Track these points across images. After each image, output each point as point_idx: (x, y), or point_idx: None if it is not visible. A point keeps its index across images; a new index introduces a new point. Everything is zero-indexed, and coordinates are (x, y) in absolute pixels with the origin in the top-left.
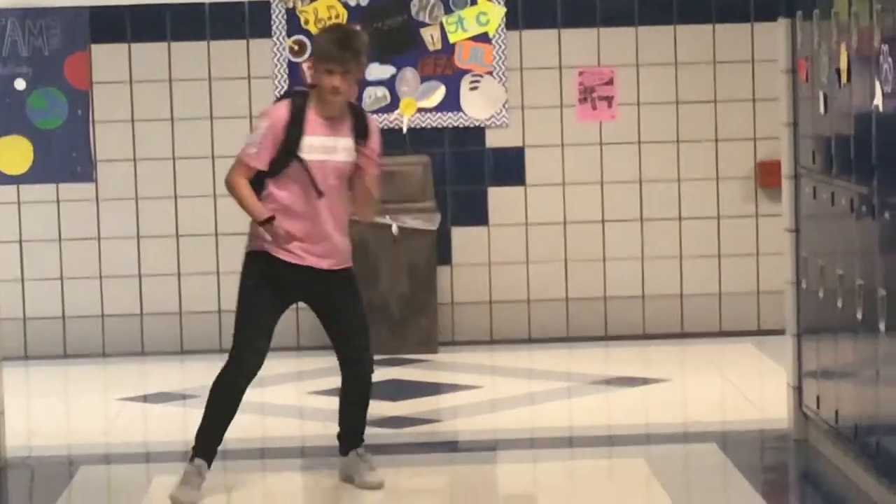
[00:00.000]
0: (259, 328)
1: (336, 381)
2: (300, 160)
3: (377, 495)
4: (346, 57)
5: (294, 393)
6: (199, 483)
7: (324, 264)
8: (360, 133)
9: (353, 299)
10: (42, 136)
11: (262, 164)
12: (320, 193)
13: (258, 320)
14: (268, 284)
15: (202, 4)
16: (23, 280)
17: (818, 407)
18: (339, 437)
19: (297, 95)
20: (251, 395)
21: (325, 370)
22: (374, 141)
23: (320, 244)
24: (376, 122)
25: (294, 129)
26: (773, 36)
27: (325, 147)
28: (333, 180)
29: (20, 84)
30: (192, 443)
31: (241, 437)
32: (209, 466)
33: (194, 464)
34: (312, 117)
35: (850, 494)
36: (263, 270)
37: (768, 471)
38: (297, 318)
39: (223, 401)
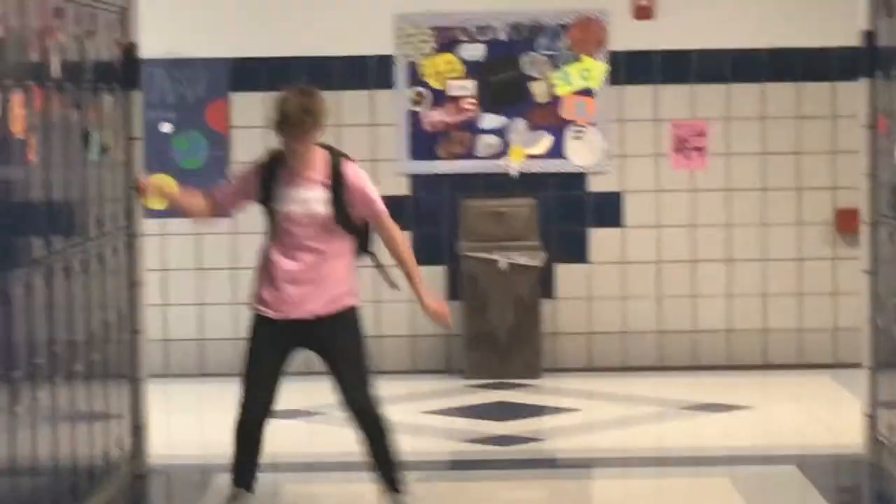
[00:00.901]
0: (258, 379)
1: (450, 402)
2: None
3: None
4: (288, 131)
5: (407, 412)
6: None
7: (300, 314)
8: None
9: (340, 346)
10: (185, 175)
11: None
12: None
13: (257, 373)
14: (264, 333)
15: (333, 58)
16: (165, 305)
17: (891, 433)
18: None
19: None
20: None
21: (438, 392)
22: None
23: (281, 292)
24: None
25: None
26: (854, 93)
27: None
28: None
29: (166, 127)
30: (315, 458)
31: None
32: (250, 490)
33: (237, 491)
34: None
35: None
36: (257, 327)
37: (843, 491)
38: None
39: (246, 440)
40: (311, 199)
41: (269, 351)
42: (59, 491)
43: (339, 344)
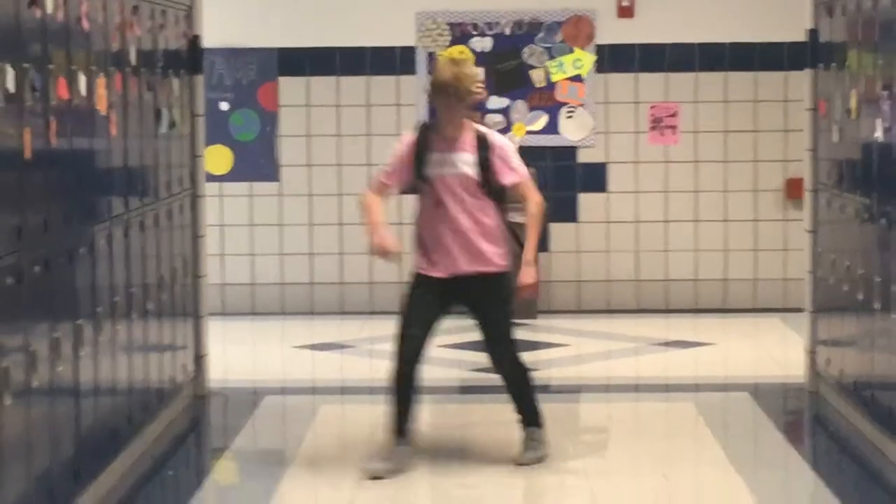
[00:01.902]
0: (415, 334)
1: (461, 338)
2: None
3: (488, 423)
4: (440, 94)
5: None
6: (398, 461)
7: (441, 273)
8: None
9: (485, 303)
10: (239, 146)
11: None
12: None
13: (412, 316)
14: (421, 290)
15: (364, 48)
16: (222, 255)
17: (828, 367)
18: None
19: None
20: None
21: (451, 329)
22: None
23: (436, 254)
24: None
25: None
26: (800, 81)
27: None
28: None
29: (224, 106)
30: (348, 382)
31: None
32: (406, 442)
33: (395, 448)
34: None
35: (850, 434)
36: (416, 286)
37: (788, 414)
38: None
39: (399, 386)
40: (461, 162)
41: (426, 308)
42: (134, 408)
43: (486, 301)
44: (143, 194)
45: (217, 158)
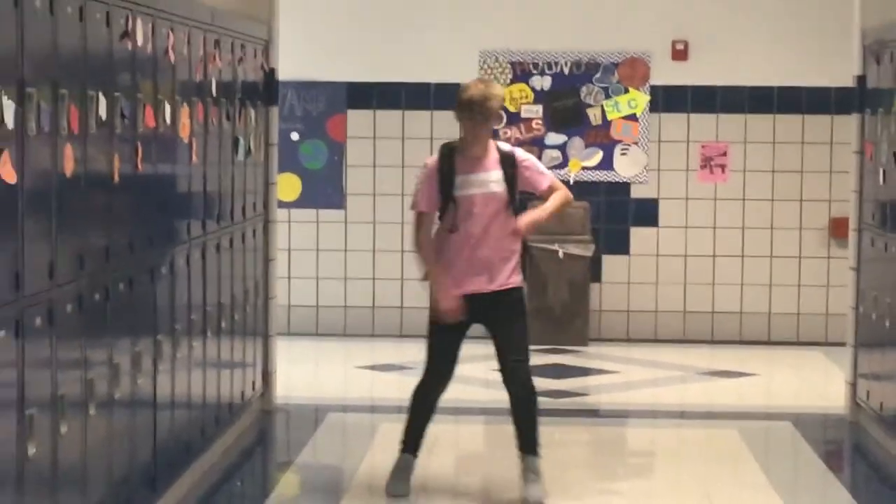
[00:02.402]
0: (443, 353)
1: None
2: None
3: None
4: (465, 113)
5: (483, 370)
6: (408, 476)
7: (477, 289)
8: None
9: (504, 319)
10: (308, 174)
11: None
12: (455, 227)
13: (442, 347)
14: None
15: (428, 84)
16: (289, 278)
17: (868, 399)
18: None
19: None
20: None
21: None
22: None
23: (461, 274)
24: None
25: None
26: (848, 125)
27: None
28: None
29: (294, 136)
30: (406, 406)
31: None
32: (415, 458)
33: (403, 458)
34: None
35: (889, 463)
36: None
37: (828, 443)
38: None
39: (420, 406)
40: (489, 180)
41: (452, 327)
42: (206, 421)
43: (505, 318)
44: (220, 218)
45: (287, 186)
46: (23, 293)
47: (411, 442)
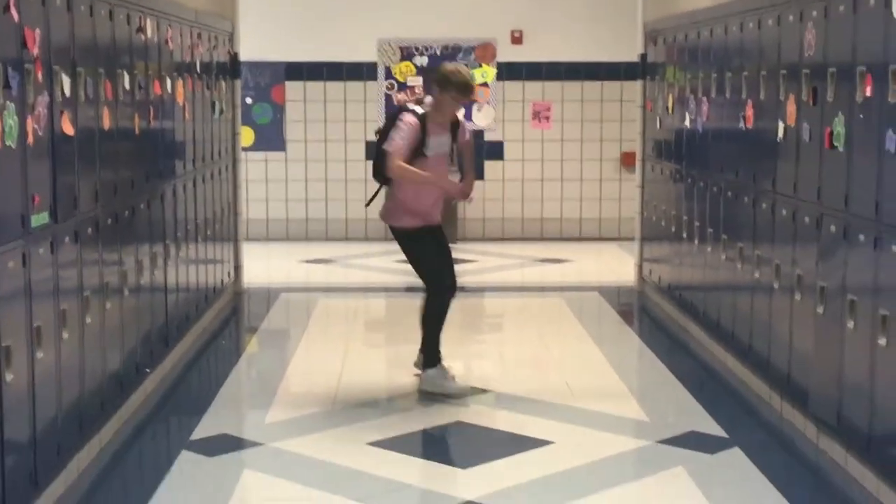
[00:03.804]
0: (444, 266)
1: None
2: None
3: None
4: (469, 97)
5: (383, 261)
6: (449, 382)
7: (433, 223)
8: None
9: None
10: (259, 127)
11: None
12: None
13: (441, 262)
14: (429, 238)
15: (342, 62)
16: (247, 200)
17: (650, 275)
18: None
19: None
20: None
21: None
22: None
23: (428, 210)
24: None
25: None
26: (634, 88)
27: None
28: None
29: (249, 100)
30: (332, 285)
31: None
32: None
33: (436, 372)
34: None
35: (665, 318)
36: (423, 235)
37: (623, 305)
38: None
39: (441, 320)
40: (444, 142)
41: (436, 247)
42: (199, 299)
43: (445, 239)
44: (203, 158)
45: (245, 135)
46: (79, 211)
47: (437, 353)
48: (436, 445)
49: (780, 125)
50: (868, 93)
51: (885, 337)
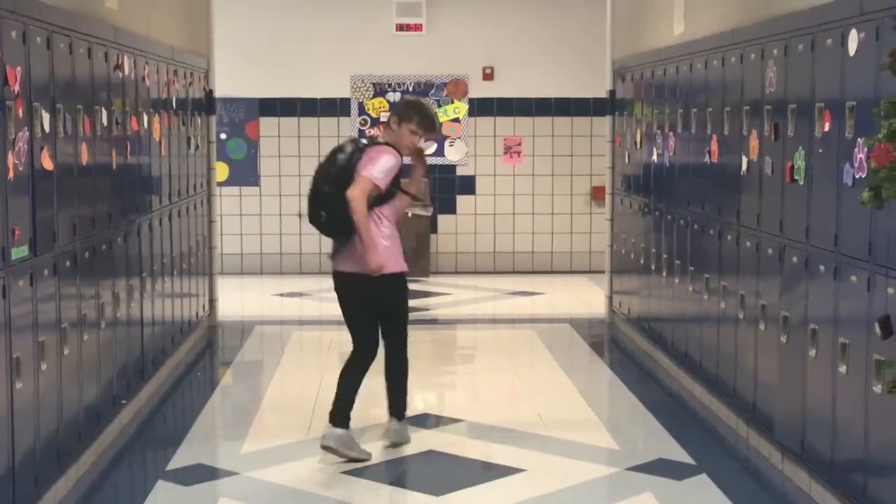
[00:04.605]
0: (368, 326)
1: None
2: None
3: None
4: (433, 132)
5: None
6: (353, 445)
7: (397, 269)
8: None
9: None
10: (233, 163)
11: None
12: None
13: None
14: (353, 296)
15: (315, 98)
16: (222, 234)
17: (620, 306)
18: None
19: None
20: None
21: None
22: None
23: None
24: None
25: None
26: (603, 124)
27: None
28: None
29: (223, 136)
30: (306, 318)
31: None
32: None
33: (343, 433)
34: None
35: (634, 349)
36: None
37: (594, 337)
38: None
39: (356, 381)
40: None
41: (367, 306)
42: (174, 332)
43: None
44: (179, 193)
45: (219, 171)
46: (57, 244)
47: (346, 415)
48: (410, 474)
49: (744, 159)
50: (826, 128)
51: (845, 365)
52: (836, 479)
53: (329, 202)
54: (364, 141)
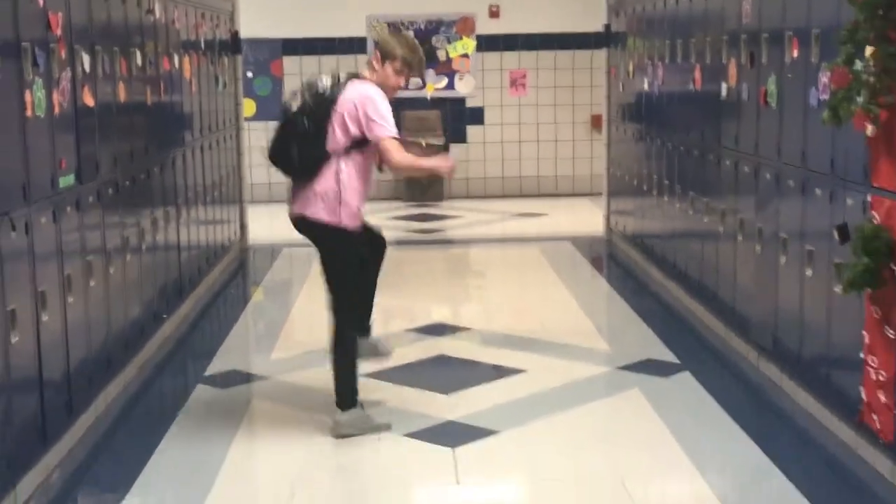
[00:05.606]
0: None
1: (399, 212)
2: None
3: (418, 256)
4: (421, 71)
5: (379, 217)
6: (369, 420)
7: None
8: None
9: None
10: (260, 99)
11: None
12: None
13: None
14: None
15: (334, 38)
16: (250, 166)
17: (616, 225)
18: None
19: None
20: None
21: (393, 207)
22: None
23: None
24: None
25: None
26: (601, 56)
27: None
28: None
29: (250, 74)
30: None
31: None
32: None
33: (355, 415)
34: None
35: (629, 262)
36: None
37: (594, 253)
38: (382, 184)
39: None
40: None
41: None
42: (209, 255)
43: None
44: (209, 128)
45: (246, 107)
46: (100, 175)
47: (355, 394)
48: (422, 375)
49: (724, 86)
50: (795, 55)
51: (811, 269)
52: (803, 373)
53: (305, 136)
54: (342, 75)
